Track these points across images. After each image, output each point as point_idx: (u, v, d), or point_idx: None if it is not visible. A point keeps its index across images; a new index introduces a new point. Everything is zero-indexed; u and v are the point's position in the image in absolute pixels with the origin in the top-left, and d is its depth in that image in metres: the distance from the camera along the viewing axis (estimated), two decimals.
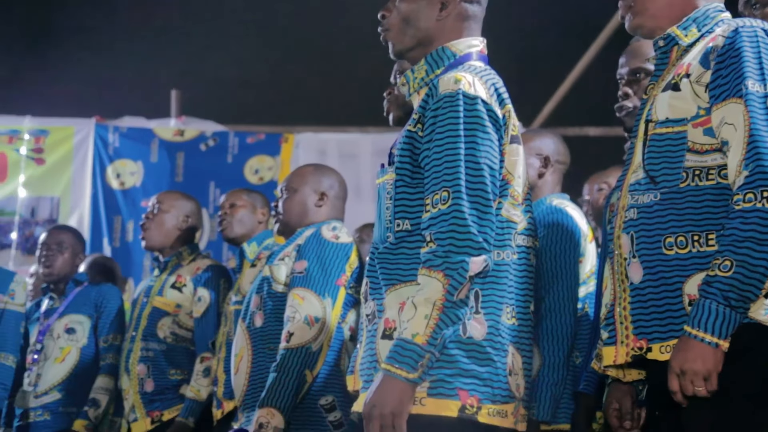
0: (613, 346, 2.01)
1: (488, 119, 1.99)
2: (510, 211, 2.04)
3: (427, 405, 1.93)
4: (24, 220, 6.34)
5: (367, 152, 6.45)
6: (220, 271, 3.89)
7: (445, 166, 1.96)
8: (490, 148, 1.98)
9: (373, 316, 2.07)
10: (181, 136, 6.49)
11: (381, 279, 2.05)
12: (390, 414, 1.88)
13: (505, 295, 2.01)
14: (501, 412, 1.97)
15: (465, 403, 1.93)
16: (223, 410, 3.51)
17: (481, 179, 1.96)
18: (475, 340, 1.96)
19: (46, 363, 3.93)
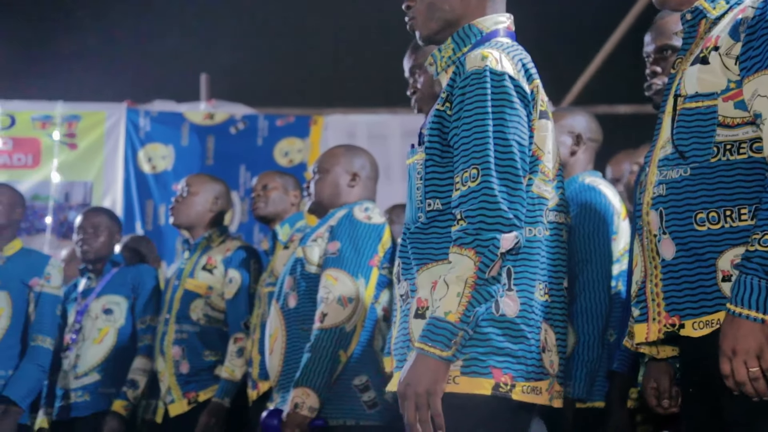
0: (644, 323, 2.00)
1: (516, 95, 1.99)
2: (541, 188, 2.04)
3: (460, 383, 1.93)
4: (58, 204, 6.40)
5: (396, 133, 6.45)
6: (250, 252, 3.91)
7: (473, 144, 1.95)
8: (518, 124, 1.98)
9: (407, 296, 2.07)
10: (211, 119, 6.53)
11: (413, 259, 2.06)
12: (425, 392, 1.89)
13: (537, 271, 2.01)
14: (535, 389, 1.97)
15: (498, 381, 1.94)
16: (259, 391, 3.54)
17: (510, 155, 1.95)
18: (508, 318, 1.96)
19: (84, 344, 3.97)
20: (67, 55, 6.78)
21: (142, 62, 7.04)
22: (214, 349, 3.80)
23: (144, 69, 7.05)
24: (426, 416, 1.89)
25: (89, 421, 3.89)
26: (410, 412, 1.90)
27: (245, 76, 7.07)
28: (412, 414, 1.89)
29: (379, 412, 2.95)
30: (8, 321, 3.88)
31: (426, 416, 1.89)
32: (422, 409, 1.89)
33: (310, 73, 7.22)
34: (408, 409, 1.90)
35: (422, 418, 1.89)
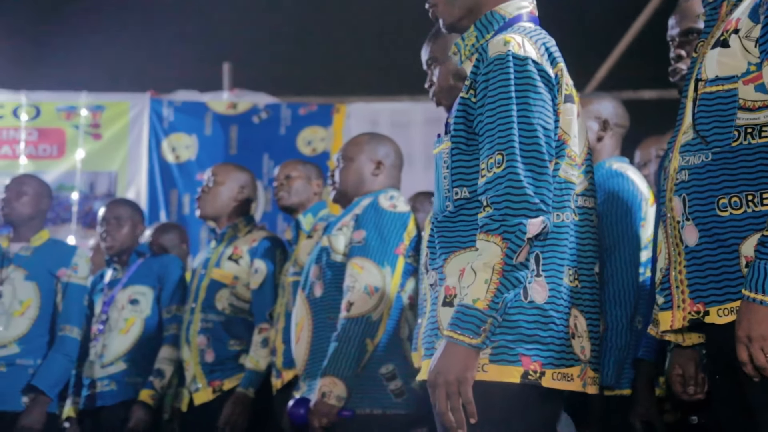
0: (669, 310, 1.99)
1: (540, 79, 1.97)
2: (568, 172, 2.02)
3: (489, 371, 1.92)
4: (83, 195, 6.44)
5: (418, 121, 6.43)
6: (276, 243, 3.91)
7: (498, 130, 1.94)
8: (543, 109, 1.96)
9: (436, 285, 2.06)
10: (234, 109, 6.54)
11: (440, 248, 2.05)
12: (455, 380, 1.88)
13: (566, 257, 2.00)
14: (566, 375, 1.96)
15: (528, 368, 1.92)
16: (283, 380, 3.55)
17: (535, 140, 1.94)
18: (536, 304, 1.95)
19: (111, 334, 3.99)
20: (91, 45, 6.81)
21: (166, 52, 7.05)
22: (239, 339, 3.81)
23: (167, 59, 7.07)
24: (457, 404, 1.88)
25: (116, 410, 3.91)
26: (441, 401, 1.89)
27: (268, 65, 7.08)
28: (443, 403, 1.89)
29: (406, 401, 2.95)
30: (36, 311, 3.92)
31: (457, 404, 1.88)
32: (453, 398, 1.88)
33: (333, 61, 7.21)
34: (439, 397, 1.90)
35: (453, 407, 1.88)
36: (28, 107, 6.41)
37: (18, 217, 3.99)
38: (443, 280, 2.03)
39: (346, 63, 7.22)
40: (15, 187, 4.01)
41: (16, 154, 6.40)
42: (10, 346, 3.86)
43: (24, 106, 6.41)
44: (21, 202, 3.99)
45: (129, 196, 6.14)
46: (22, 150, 6.39)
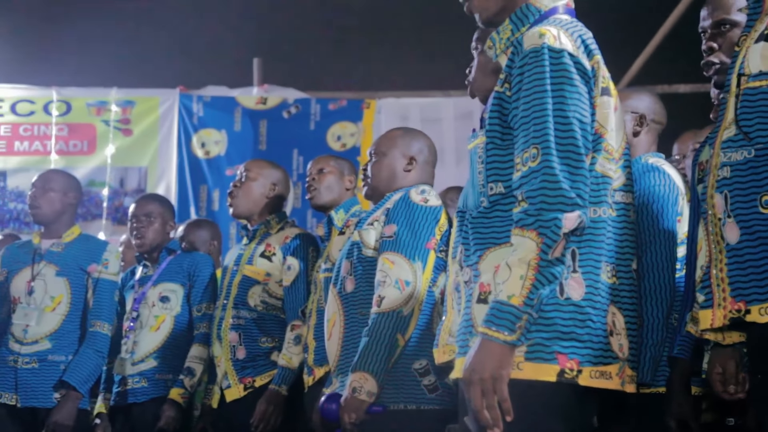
0: (710, 309, 1.95)
1: (575, 72, 1.94)
2: (605, 166, 1.98)
3: (524, 369, 1.89)
4: (113, 190, 6.47)
5: (449, 116, 6.41)
6: (309, 240, 3.89)
7: (533, 123, 1.91)
8: (578, 102, 1.93)
9: (470, 282, 2.03)
10: (263, 104, 6.54)
11: (474, 244, 2.02)
12: (490, 378, 1.84)
13: (603, 253, 1.96)
14: (604, 373, 1.92)
15: (564, 367, 1.89)
16: (314, 377, 3.52)
17: (570, 134, 1.90)
18: (573, 301, 1.91)
19: (142, 331, 3.99)
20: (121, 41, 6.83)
21: (195, 47, 7.06)
22: (270, 336, 3.80)
23: (197, 54, 7.08)
24: (493, 402, 1.85)
25: (147, 407, 3.90)
26: (476, 399, 1.86)
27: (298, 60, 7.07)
28: (479, 400, 1.86)
29: (439, 396, 2.91)
30: (67, 307, 3.93)
31: (493, 402, 1.85)
32: (488, 395, 1.85)
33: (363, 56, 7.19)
34: (474, 395, 1.87)
35: (489, 404, 1.85)
36: (58, 103, 6.46)
37: (46, 214, 3.99)
38: (478, 276, 1.99)
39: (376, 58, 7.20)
40: (41, 184, 4.01)
41: (47, 149, 6.44)
42: (41, 342, 3.87)
43: (55, 101, 6.45)
44: (47, 199, 3.99)
45: (159, 191, 6.16)
46: (53, 146, 6.43)
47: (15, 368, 3.85)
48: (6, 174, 6.45)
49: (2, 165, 6.44)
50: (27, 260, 3.99)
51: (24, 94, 6.49)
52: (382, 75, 7.05)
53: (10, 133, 6.45)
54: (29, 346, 3.86)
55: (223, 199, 6.37)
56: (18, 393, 3.83)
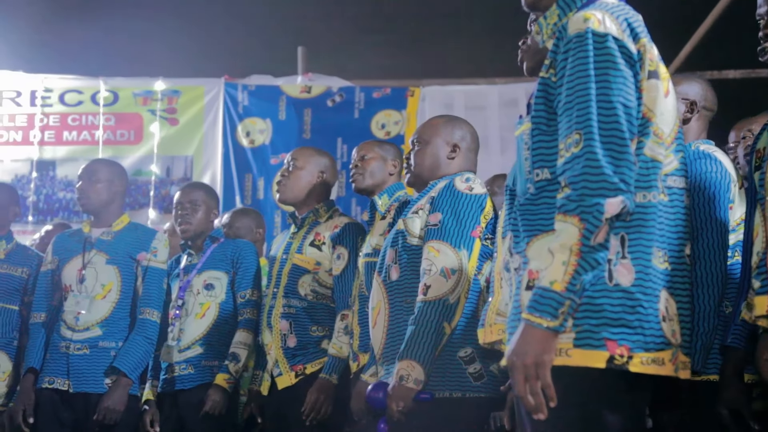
0: (765, 295, 1.94)
1: (620, 56, 1.92)
2: (655, 150, 1.96)
3: (573, 356, 1.88)
4: (160, 179, 6.52)
5: (494, 104, 6.37)
6: (358, 229, 3.88)
7: (576, 108, 1.90)
8: (623, 86, 1.91)
9: (519, 269, 2.03)
10: (308, 92, 6.55)
11: (523, 230, 2.01)
12: (533, 364, 1.84)
13: (654, 238, 1.94)
14: (657, 359, 1.91)
15: (614, 353, 1.88)
16: (359, 363, 3.53)
17: (614, 118, 1.89)
18: (622, 287, 1.90)
19: (187, 319, 4.01)
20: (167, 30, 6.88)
21: (240, 36, 7.09)
22: (321, 325, 3.81)
23: (241, 43, 7.11)
24: (536, 388, 1.85)
25: (193, 393, 3.93)
26: (520, 384, 1.86)
27: (342, 48, 7.07)
28: (522, 386, 1.86)
29: (485, 384, 2.91)
30: (117, 295, 3.97)
31: (536, 388, 1.85)
32: (531, 381, 1.85)
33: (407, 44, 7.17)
34: (517, 381, 1.87)
35: (532, 390, 1.85)
36: (106, 93, 6.52)
37: (94, 204, 4.04)
38: (526, 263, 1.99)
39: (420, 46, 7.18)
40: (87, 175, 4.06)
41: (94, 139, 6.51)
42: (92, 329, 3.93)
43: (102, 91, 6.52)
44: (95, 190, 4.04)
45: (204, 180, 6.19)
46: (101, 135, 6.49)
47: (67, 354, 3.90)
48: (55, 163, 6.53)
49: (52, 155, 6.53)
50: (78, 249, 4.04)
51: (72, 85, 6.56)
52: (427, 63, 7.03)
53: (59, 123, 6.54)
54: (81, 332, 3.92)
55: (268, 187, 6.40)
56: (70, 378, 3.89)
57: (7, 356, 4.09)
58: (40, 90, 6.52)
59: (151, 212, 6.48)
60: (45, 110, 6.52)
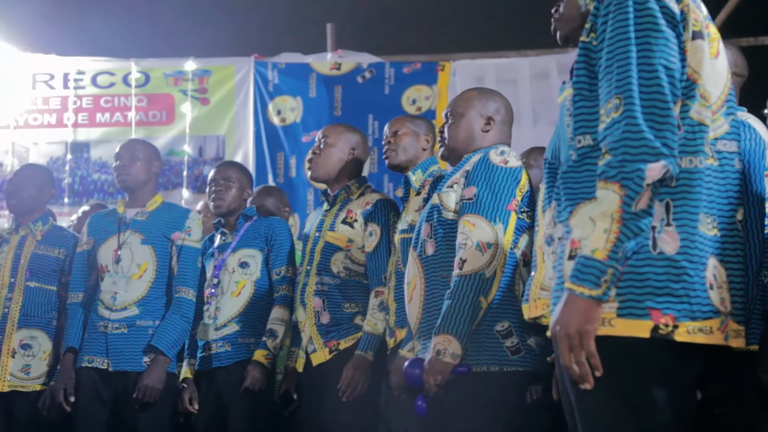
0: None
1: (662, 17, 1.89)
2: (702, 113, 1.92)
3: (616, 326, 1.86)
4: (192, 159, 6.55)
5: (525, 76, 6.31)
6: (390, 205, 3.87)
7: (616, 73, 1.87)
8: (665, 48, 1.87)
9: (563, 238, 2.01)
10: (338, 69, 6.53)
11: (565, 199, 1.98)
12: (576, 333, 1.83)
13: (700, 204, 1.91)
14: (704, 328, 1.88)
15: (658, 322, 1.85)
16: (396, 339, 3.53)
17: (655, 81, 1.85)
18: (666, 255, 1.87)
19: (223, 297, 4.03)
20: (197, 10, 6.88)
21: (269, 14, 7.08)
22: (354, 302, 3.80)
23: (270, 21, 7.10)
24: (581, 357, 1.83)
25: (231, 371, 3.95)
26: (565, 354, 1.85)
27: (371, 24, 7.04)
28: (567, 355, 1.85)
29: (522, 358, 2.89)
30: (153, 274, 4.00)
31: (581, 357, 1.83)
32: (576, 350, 1.84)
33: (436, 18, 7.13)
34: (562, 351, 1.85)
35: (577, 360, 1.84)
36: (137, 74, 6.54)
37: (133, 182, 4.08)
38: (569, 233, 1.96)
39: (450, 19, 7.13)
40: (127, 153, 4.09)
41: (127, 120, 6.55)
42: (130, 308, 3.96)
43: (134, 73, 6.54)
44: (135, 167, 4.08)
45: (237, 159, 6.19)
46: (133, 117, 6.52)
47: (105, 334, 3.94)
48: (89, 145, 6.58)
49: (86, 137, 6.57)
50: (113, 229, 4.07)
51: (104, 67, 6.59)
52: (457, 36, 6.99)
53: (91, 105, 6.57)
54: (118, 312, 3.95)
55: (300, 165, 6.41)
56: (109, 357, 3.92)
57: (47, 336, 4.14)
58: (73, 73, 6.56)
59: (185, 192, 6.50)
60: (78, 93, 6.56)
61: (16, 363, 4.06)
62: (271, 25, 7.11)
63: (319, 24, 6.74)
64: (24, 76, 6.59)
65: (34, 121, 6.57)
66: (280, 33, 7.08)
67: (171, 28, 6.86)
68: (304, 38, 6.85)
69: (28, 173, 4.32)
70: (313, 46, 6.63)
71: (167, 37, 6.83)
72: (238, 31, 6.99)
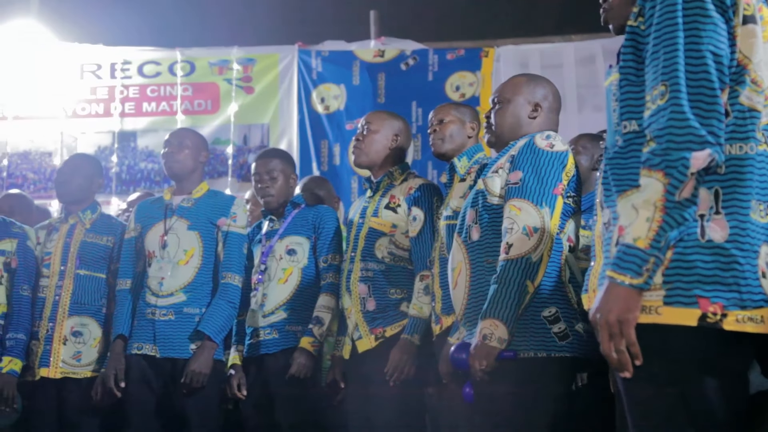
0: None
1: (710, 2, 1.86)
2: (752, 99, 1.89)
3: (663, 314, 1.84)
4: (237, 148, 6.59)
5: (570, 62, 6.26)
6: (433, 189, 3.87)
7: (663, 59, 1.84)
8: (714, 34, 1.85)
9: (609, 224, 1.99)
10: (381, 56, 6.53)
11: (612, 185, 1.97)
12: (616, 321, 1.81)
13: (752, 191, 1.87)
14: (754, 317, 1.85)
15: (706, 311, 1.83)
16: (442, 325, 3.53)
17: (703, 68, 1.83)
18: (715, 243, 1.85)
19: (270, 284, 4.05)
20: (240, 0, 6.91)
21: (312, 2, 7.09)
22: (399, 287, 3.80)
23: (314, 9, 7.11)
24: (621, 345, 1.82)
25: (278, 357, 3.97)
26: (604, 342, 1.84)
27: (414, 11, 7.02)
28: (607, 343, 1.83)
29: (570, 344, 2.87)
30: (200, 260, 4.04)
31: (621, 345, 1.82)
32: (616, 338, 1.82)
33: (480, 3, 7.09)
34: (602, 339, 1.84)
35: (617, 348, 1.82)
36: (182, 63, 6.59)
37: (181, 169, 4.12)
38: (616, 219, 1.94)
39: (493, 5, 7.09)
40: (176, 141, 4.14)
41: (173, 110, 6.60)
42: (177, 295, 4.00)
43: (179, 62, 6.59)
44: (183, 155, 4.12)
45: (281, 147, 6.21)
46: (179, 106, 6.58)
47: (153, 320, 3.98)
48: (136, 135, 6.64)
49: (132, 126, 6.64)
50: (159, 215, 4.11)
51: (150, 56, 6.65)
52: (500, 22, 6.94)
53: (138, 95, 6.64)
54: (165, 298, 3.99)
55: (344, 153, 6.42)
56: (157, 344, 3.97)
57: (97, 323, 4.20)
58: (120, 63, 6.63)
59: (230, 180, 6.55)
60: (124, 82, 6.63)
61: (68, 350, 4.12)
62: (315, 13, 7.12)
63: (363, 11, 6.74)
64: (72, 66, 6.67)
65: (82, 111, 6.65)
66: (323, 21, 7.09)
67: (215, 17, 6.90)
68: (348, 26, 6.85)
69: (77, 163, 4.37)
70: (357, 34, 6.63)
71: (212, 26, 6.88)
72: (281, 20, 7.01)
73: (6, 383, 4.02)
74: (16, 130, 6.65)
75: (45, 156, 6.65)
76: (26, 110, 6.67)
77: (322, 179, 4.95)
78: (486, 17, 7.14)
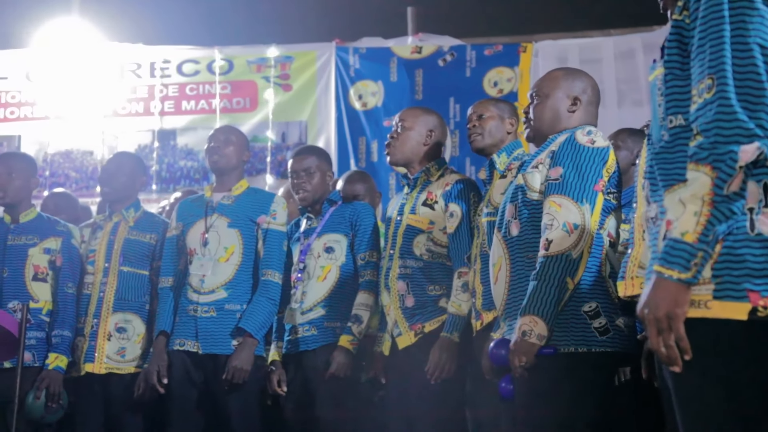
0: None
1: None
2: None
3: (712, 308, 1.83)
4: (275, 145, 6.62)
5: (609, 56, 6.22)
6: (470, 185, 3.86)
7: (709, 52, 1.83)
8: (761, 26, 1.83)
9: (656, 218, 1.98)
10: (419, 53, 6.53)
11: (659, 180, 1.96)
12: (665, 316, 1.80)
13: None
14: None
15: (757, 304, 1.82)
16: (482, 321, 3.52)
17: (750, 60, 1.81)
18: (765, 236, 1.83)
19: (309, 281, 4.07)
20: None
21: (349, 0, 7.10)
22: (437, 284, 3.80)
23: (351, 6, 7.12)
24: (669, 340, 1.81)
25: (317, 354, 3.99)
26: (653, 337, 1.83)
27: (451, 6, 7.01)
28: (655, 338, 1.82)
29: (611, 338, 2.86)
30: (240, 257, 4.06)
31: (669, 340, 1.81)
32: (665, 333, 1.81)
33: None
34: (650, 334, 1.83)
35: (666, 343, 1.81)
36: (221, 62, 6.63)
37: (225, 164, 4.15)
38: (664, 213, 1.93)
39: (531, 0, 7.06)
40: (223, 136, 4.17)
41: (212, 108, 6.65)
42: (218, 292, 4.03)
43: (217, 60, 6.64)
44: (227, 151, 4.15)
45: (319, 144, 6.24)
46: (218, 104, 6.62)
47: (195, 317, 4.02)
48: (176, 133, 6.70)
49: (172, 124, 6.70)
50: (200, 213, 4.15)
51: (189, 55, 6.71)
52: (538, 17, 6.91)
53: (177, 93, 6.69)
54: (207, 295, 4.03)
55: (382, 150, 6.42)
56: (199, 341, 4.00)
57: (141, 319, 4.24)
58: (159, 61, 6.69)
59: (269, 178, 6.58)
60: (164, 81, 6.69)
61: (112, 346, 4.17)
62: (352, 10, 7.13)
63: (400, 8, 6.75)
64: (112, 66, 6.75)
65: (122, 110, 6.72)
66: (360, 18, 7.10)
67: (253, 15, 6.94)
68: (385, 22, 6.86)
69: (121, 161, 4.42)
70: (394, 30, 6.64)
71: (249, 25, 6.91)
72: (319, 17, 7.04)
73: (53, 380, 4.07)
74: (58, 130, 6.73)
75: (86, 155, 6.73)
76: (67, 110, 6.75)
77: (364, 174, 4.96)
78: (524, 12, 7.12)
